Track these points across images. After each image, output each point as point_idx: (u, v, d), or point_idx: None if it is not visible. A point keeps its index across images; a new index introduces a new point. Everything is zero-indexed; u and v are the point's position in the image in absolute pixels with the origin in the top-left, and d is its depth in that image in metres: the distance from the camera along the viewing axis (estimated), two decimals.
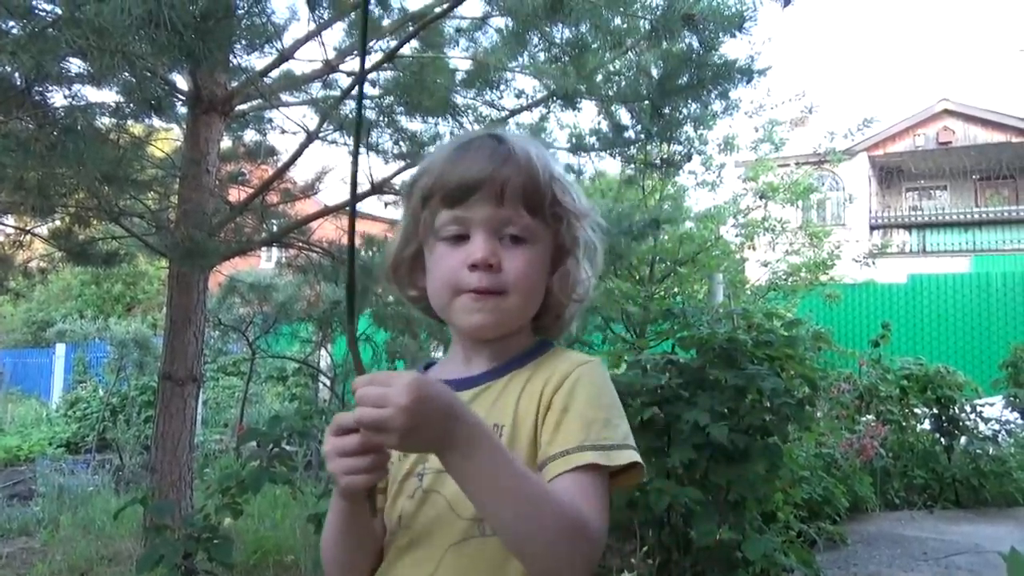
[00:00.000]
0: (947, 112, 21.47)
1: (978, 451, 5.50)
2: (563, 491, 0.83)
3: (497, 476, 0.78)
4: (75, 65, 2.97)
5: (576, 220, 1.00)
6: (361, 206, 4.92)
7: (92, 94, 3.54)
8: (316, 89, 4.74)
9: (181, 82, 4.23)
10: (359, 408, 0.75)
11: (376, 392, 0.74)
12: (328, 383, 7.14)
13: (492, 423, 0.89)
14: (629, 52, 4.40)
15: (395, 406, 0.73)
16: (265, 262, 11.24)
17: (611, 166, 8.07)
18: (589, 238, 1.02)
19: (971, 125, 21.28)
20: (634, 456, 0.90)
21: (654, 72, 4.52)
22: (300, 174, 5.54)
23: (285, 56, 4.09)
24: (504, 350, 0.98)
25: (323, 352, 7.87)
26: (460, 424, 0.78)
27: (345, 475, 0.80)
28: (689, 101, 4.77)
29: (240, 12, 2.90)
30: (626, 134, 5.26)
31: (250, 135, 5.47)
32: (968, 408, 5.77)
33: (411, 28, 3.97)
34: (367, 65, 4.19)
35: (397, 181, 4.70)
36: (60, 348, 13.49)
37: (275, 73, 4.33)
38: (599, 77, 4.62)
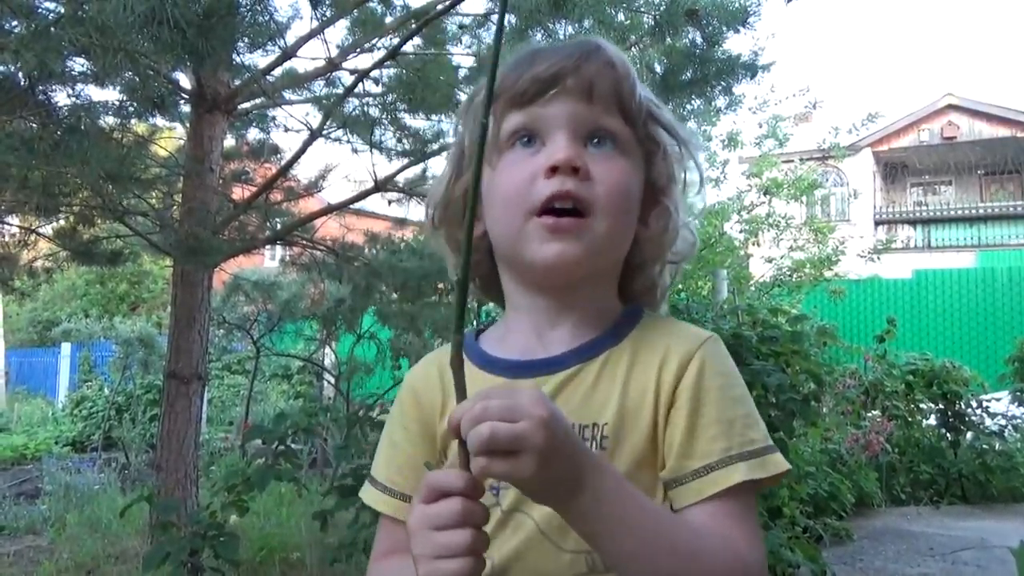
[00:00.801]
0: (951, 107, 21.38)
1: (984, 446, 5.49)
2: (711, 524, 0.67)
3: (634, 525, 0.62)
4: (78, 64, 2.97)
5: (678, 149, 0.80)
6: (364, 204, 4.92)
7: (95, 93, 3.54)
8: (319, 87, 4.73)
9: (184, 80, 4.23)
10: (486, 425, 0.55)
11: (502, 403, 0.56)
12: (332, 381, 7.15)
13: (590, 421, 0.72)
14: (632, 48, 4.39)
15: (531, 418, 0.56)
16: (269, 260, 11.26)
17: None
18: (692, 179, 0.82)
19: (976, 120, 21.19)
20: (784, 461, 0.73)
21: (657, 68, 4.51)
22: (303, 172, 5.54)
23: (288, 54, 4.09)
24: (591, 318, 0.77)
25: (327, 350, 7.88)
26: (586, 454, 0.61)
27: (437, 561, 0.57)
28: (692, 97, 4.76)
29: (243, 10, 2.90)
30: None
31: (253, 133, 5.48)
32: (974, 403, 5.75)
33: (414, 25, 3.96)
34: (369, 64, 4.19)
35: (401, 178, 4.70)
36: (65, 347, 13.53)
37: (278, 71, 4.32)
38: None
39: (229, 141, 5.00)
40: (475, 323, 5.91)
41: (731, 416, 0.72)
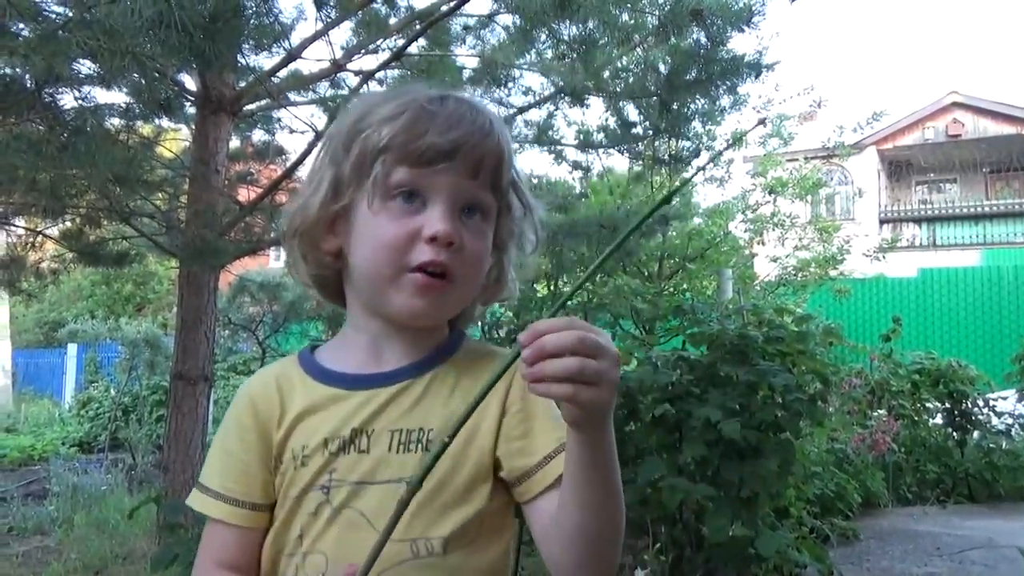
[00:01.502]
0: (956, 105, 21.31)
1: (991, 445, 5.47)
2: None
3: (614, 458, 0.72)
4: (85, 67, 2.99)
5: (523, 212, 0.90)
6: None
7: (101, 95, 3.56)
8: (324, 88, 4.75)
9: (190, 83, 4.24)
10: (576, 360, 0.63)
11: (592, 341, 0.64)
12: None
13: (416, 426, 0.81)
14: (637, 48, 4.39)
15: (611, 357, 0.65)
16: (274, 261, 11.28)
17: (619, 163, 8.06)
18: (528, 236, 0.92)
19: (981, 117, 21.12)
20: None
21: (662, 68, 4.51)
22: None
23: (293, 55, 4.10)
24: (422, 342, 0.86)
25: None
26: None
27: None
28: (697, 96, 4.76)
29: (248, 12, 2.91)
30: (634, 130, 5.25)
31: (258, 135, 5.50)
32: (981, 402, 5.74)
33: (418, 26, 3.97)
34: (374, 65, 4.20)
35: None
36: (72, 348, 13.58)
37: (283, 73, 4.34)
38: (607, 73, 4.62)
39: (234, 143, 5.02)
40: (480, 325, 5.93)
41: (555, 413, 0.81)
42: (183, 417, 3.98)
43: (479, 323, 5.67)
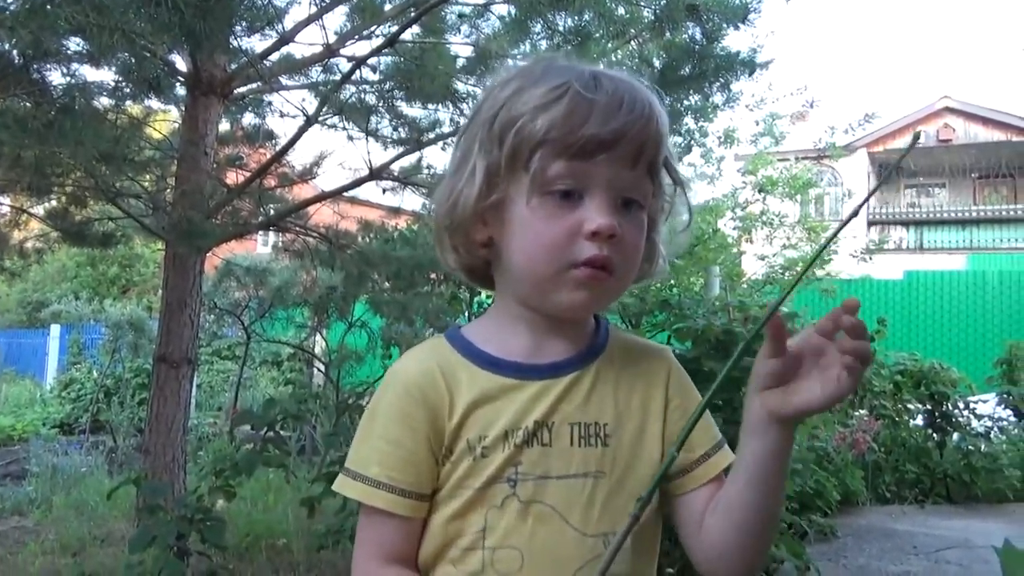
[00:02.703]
0: (948, 110, 21.47)
1: (970, 447, 5.53)
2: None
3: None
4: (74, 43, 2.95)
5: (674, 189, 0.89)
6: (359, 192, 4.91)
7: (90, 73, 3.52)
8: (316, 73, 4.71)
9: (180, 63, 4.20)
10: (868, 345, 0.71)
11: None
12: (322, 368, 7.14)
13: (592, 420, 0.82)
14: (632, 42, 4.38)
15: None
16: (261, 246, 11.22)
17: None
18: (680, 213, 0.91)
19: (971, 123, 21.29)
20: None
21: (656, 63, 4.51)
22: (298, 158, 5.52)
23: (285, 39, 4.07)
24: (580, 331, 0.87)
25: (318, 337, 7.87)
26: None
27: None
28: (690, 92, 4.76)
29: None
30: None
31: (248, 118, 5.44)
32: (961, 404, 5.79)
33: (412, 13, 3.95)
34: (367, 51, 4.17)
35: (396, 167, 4.69)
36: (55, 329, 13.46)
37: (275, 56, 4.30)
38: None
39: (224, 125, 4.97)
40: (466, 315, 5.91)
41: (707, 414, 0.85)
42: (165, 400, 3.96)
43: (465, 313, 5.66)
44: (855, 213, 0.77)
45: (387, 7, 4.30)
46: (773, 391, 0.75)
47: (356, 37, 4.35)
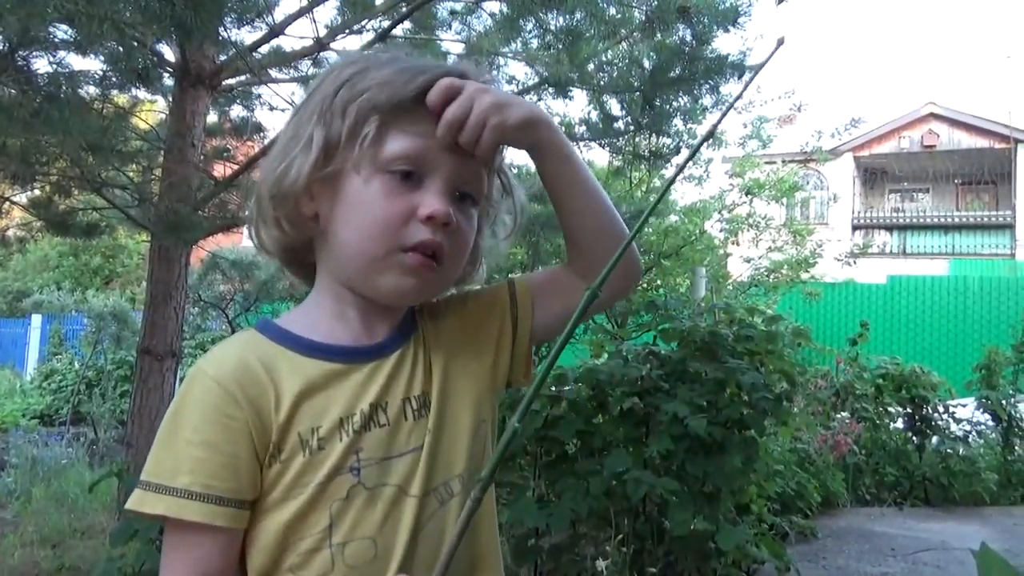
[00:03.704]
0: (933, 115, 21.66)
1: (949, 451, 5.59)
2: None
3: (588, 174, 0.86)
4: (61, 31, 2.92)
5: (501, 195, 0.90)
6: None
7: (77, 62, 3.48)
8: (306, 66, 4.69)
9: (168, 54, 4.17)
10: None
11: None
12: None
13: (421, 391, 0.81)
14: (622, 42, 4.40)
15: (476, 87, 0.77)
16: (247, 239, 11.15)
17: (599, 156, 8.08)
18: (504, 219, 0.91)
19: (956, 129, 21.50)
20: None
21: (646, 63, 4.52)
22: None
23: (275, 32, 4.05)
24: (399, 315, 0.86)
25: None
26: (548, 122, 0.83)
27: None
28: (680, 94, 4.78)
29: None
30: (615, 124, 5.26)
31: (237, 110, 5.41)
32: (941, 408, 5.85)
33: (404, 9, 3.94)
34: (357, 46, 4.15)
35: None
36: (36, 319, 13.32)
37: (264, 48, 4.28)
38: (591, 66, 4.62)
39: (212, 117, 4.94)
40: None
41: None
42: (148, 393, 3.94)
43: None
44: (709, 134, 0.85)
45: (378, 2, 4.29)
46: None
47: (346, 31, 4.34)
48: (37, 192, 4.76)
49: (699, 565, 2.91)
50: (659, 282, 7.76)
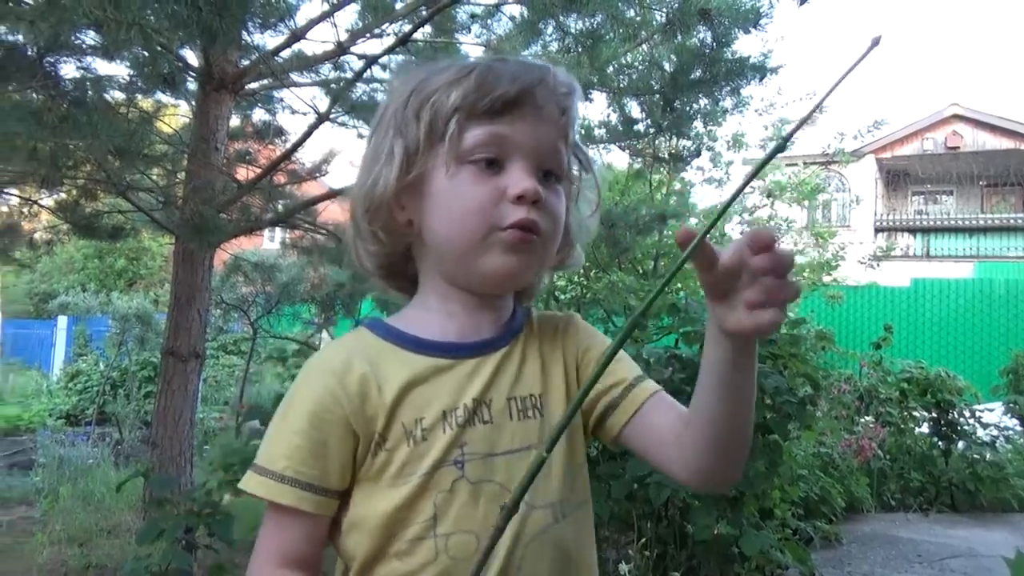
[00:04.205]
0: (957, 117, 21.38)
1: (975, 456, 5.52)
2: (670, 404, 0.85)
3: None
4: (88, 37, 2.96)
5: (582, 170, 0.89)
6: None
7: (103, 67, 3.53)
8: (327, 70, 4.72)
9: (192, 58, 4.21)
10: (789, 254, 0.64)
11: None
12: None
13: (527, 392, 0.82)
14: (643, 45, 4.38)
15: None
16: (268, 242, 11.25)
17: (619, 159, 8.06)
18: (588, 196, 0.90)
19: (980, 131, 21.20)
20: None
21: (667, 66, 4.51)
22: (307, 155, 5.53)
23: (297, 36, 4.08)
24: (503, 313, 0.86)
25: (324, 334, 7.88)
26: None
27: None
28: (700, 96, 4.76)
29: None
30: (636, 127, 5.25)
31: (259, 114, 5.45)
32: (967, 413, 5.78)
33: (424, 12, 3.95)
34: (378, 49, 4.18)
35: None
36: (62, 320, 13.51)
37: (287, 53, 4.31)
38: (611, 69, 4.61)
39: (235, 121, 4.99)
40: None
41: (623, 356, 0.87)
42: (173, 394, 3.97)
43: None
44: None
45: (398, 6, 4.31)
46: (720, 303, 0.68)
47: (368, 35, 4.36)
48: (64, 195, 4.83)
49: (722, 569, 2.89)
50: (679, 285, 7.72)
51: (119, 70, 3.69)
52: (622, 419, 0.84)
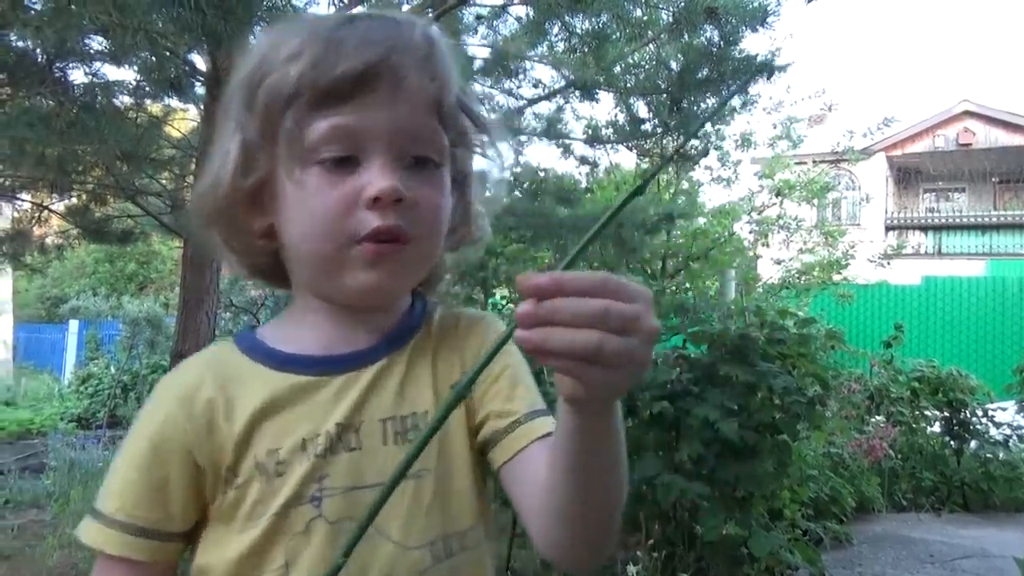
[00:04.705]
0: (968, 113, 21.24)
1: (988, 455, 5.47)
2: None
3: (619, 442, 0.58)
4: (96, 42, 2.98)
5: (479, 138, 0.75)
6: None
7: (111, 72, 3.56)
8: None
9: (199, 62, 4.24)
10: (603, 302, 0.46)
11: (621, 281, 0.47)
12: None
13: (409, 411, 0.70)
14: (649, 44, 4.38)
15: (646, 300, 0.48)
16: None
17: (626, 159, 8.05)
18: (492, 169, 0.78)
19: (992, 127, 21.05)
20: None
21: (673, 65, 4.50)
22: None
23: None
24: (387, 318, 0.74)
25: None
26: None
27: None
28: (708, 95, 4.75)
29: None
30: (643, 127, 5.25)
31: None
32: (979, 412, 5.73)
33: (430, 14, 3.96)
34: None
35: None
36: (73, 324, 13.62)
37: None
38: (618, 69, 4.61)
39: None
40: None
41: (528, 382, 0.74)
42: None
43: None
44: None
45: (405, 7, 4.32)
46: None
47: None
48: (74, 200, 4.87)
49: (731, 571, 2.88)
50: (688, 285, 7.70)
51: (127, 75, 3.72)
52: (500, 458, 0.71)
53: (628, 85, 4.69)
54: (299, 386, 0.69)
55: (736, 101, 5.20)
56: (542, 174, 5.72)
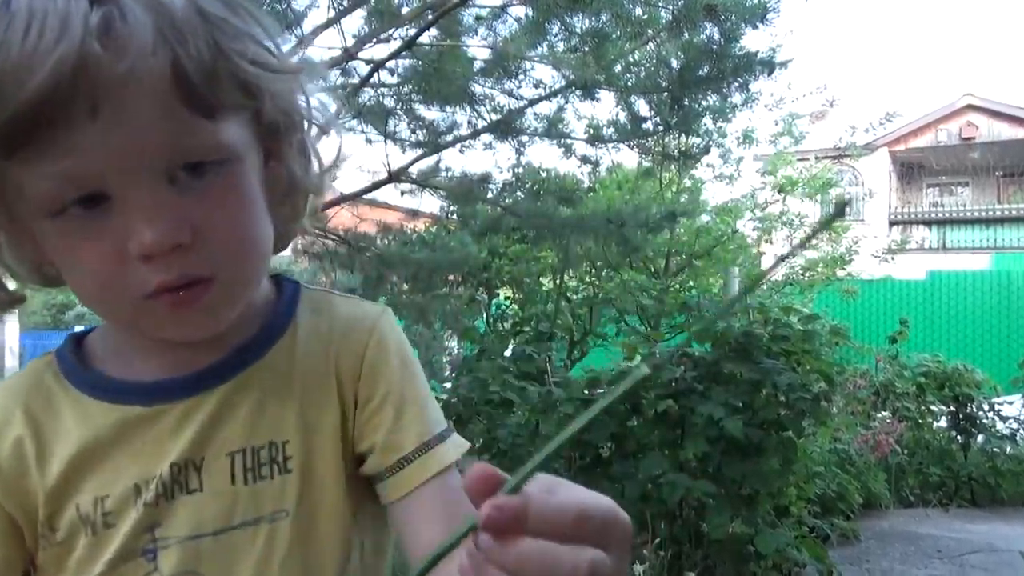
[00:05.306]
0: (971, 107, 21.18)
1: (995, 450, 5.46)
2: (443, 506, 0.58)
3: None
4: None
5: (278, 85, 0.55)
6: (377, 194, 4.94)
7: None
8: (335, 76, 4.74)
9: None
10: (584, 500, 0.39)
11: (595, 497, 0.39)
12: None
13: (266, 440, 0.58)
14: (649, 43, 4.38)
15: (625, 521, 0.40)
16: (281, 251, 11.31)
17: (628, 158, 8.04)
18: (298, 104, 0.60)
19: (995, 120, 20.99)
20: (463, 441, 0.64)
21: (674, 63, 4.50)
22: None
23: (304, 42, 4.10)
24: (246, 322, 0.60)
25: None
26: None
27: None
28: (709, 93, 4.75)
29: None
30: (644, 125, 5.24)
31: None
32: (986, 406, 5.72)
33: (430, 16, 3.96)
34: (385, 54, 4.20)
35: (414, 170, 4.72)
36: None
37: (293, 59, 4.33)
38: (618, 68, 4.61)
39: None
40: (485, 318, 5.92)
41: (424, 396, 0.63)
42: None
43: (483, 315, 5.68)
44: None
45: (404, 10, 4.33)
46: None
47: (374, 40, 4.38)
48: None
49: (738, 568, 2.88)
50: (691, 283, 7.70)
51: None
52: (387, 496, 0.61)
53: (629, 84, 4.69)
54: (129, 421, 0.58)
55: (737, 98, 5.19)
56: (544, 174, 5.73)
